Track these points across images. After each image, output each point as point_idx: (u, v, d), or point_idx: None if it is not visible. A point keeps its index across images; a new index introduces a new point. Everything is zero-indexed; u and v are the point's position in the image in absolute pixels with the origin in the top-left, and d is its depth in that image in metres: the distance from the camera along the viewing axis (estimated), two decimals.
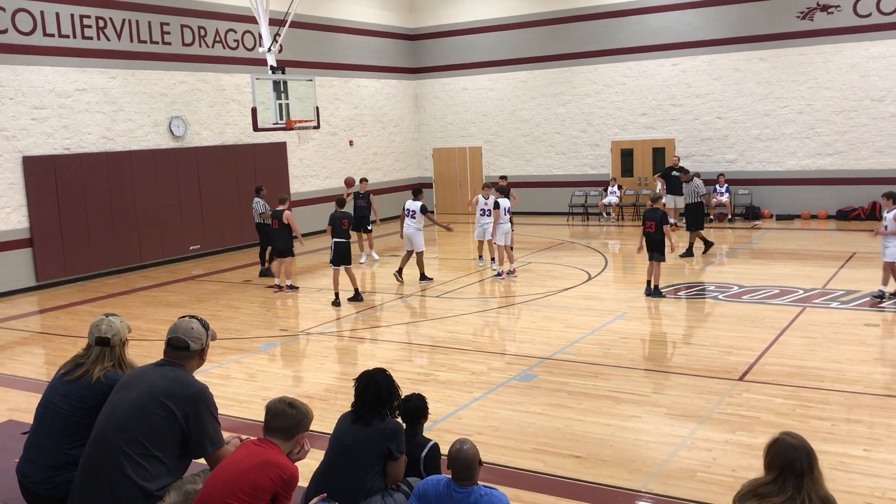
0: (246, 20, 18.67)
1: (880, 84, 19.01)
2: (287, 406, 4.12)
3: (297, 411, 4.12)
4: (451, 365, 9.03)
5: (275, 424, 4.10)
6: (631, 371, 8.50)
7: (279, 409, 4.11)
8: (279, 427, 4.09)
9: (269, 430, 4.11)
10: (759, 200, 20.65)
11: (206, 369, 8.87)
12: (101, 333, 4.67)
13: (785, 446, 3.44)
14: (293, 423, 4.10)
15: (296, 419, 4.11)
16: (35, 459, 4.56)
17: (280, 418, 4.09)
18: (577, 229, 20.54)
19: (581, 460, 6.25)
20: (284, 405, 4.12)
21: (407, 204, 14.09)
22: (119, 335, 4.69)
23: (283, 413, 4.09)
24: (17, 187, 14.71)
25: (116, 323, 4.72)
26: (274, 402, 4.16)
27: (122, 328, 4.74)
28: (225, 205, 18.59)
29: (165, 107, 17.39)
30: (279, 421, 4.09)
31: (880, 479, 5.71)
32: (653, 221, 12.23)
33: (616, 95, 22.24)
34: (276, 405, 4.13)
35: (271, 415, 4.12)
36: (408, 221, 13.95)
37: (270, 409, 4.14)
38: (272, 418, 4.11)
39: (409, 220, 13.95)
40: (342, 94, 22.39)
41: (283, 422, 4.08)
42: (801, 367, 8.34)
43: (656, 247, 12.20)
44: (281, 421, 4.08)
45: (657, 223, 12.22)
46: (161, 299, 13.72)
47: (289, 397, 4.21)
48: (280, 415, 4.09)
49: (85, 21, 15.82)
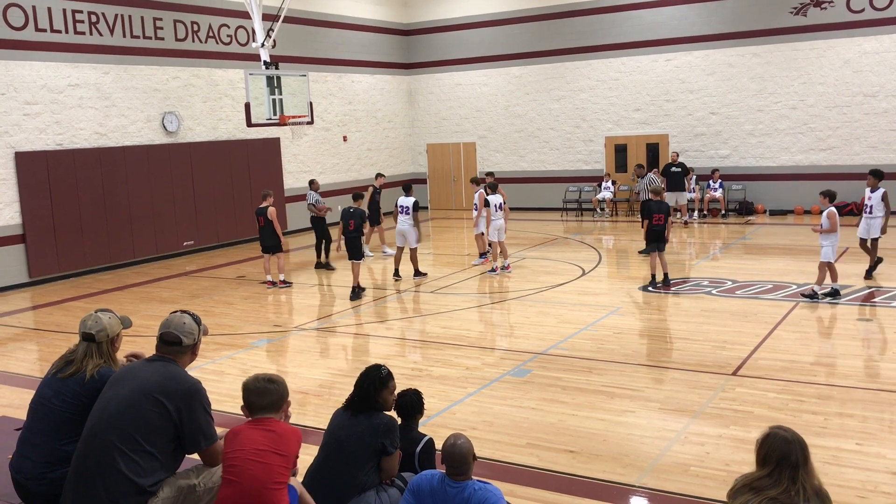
0: (239, 15, 18.60)
1: (873, 79, 19.06)
2: (267, 382, 4.17)
3: (278, 384, 4.19)
4: (446, 360, 9.04)
5: (262, 402, 4.13)
6: (624, 366, 8.52)
7: (261, 387, 4.15)
8: (267, 404, 4.14)
9: (256, 409, 4.15)
10: (752, 196, 20.70)
11: (199, 365, 8.86)
12: (87, 329, 4.66)
13: (779, 440, 3.45)
14: (278, 396, 4.17)
15: (278, 392, 4.18)
16: (28, 456, 4.55)
17: (265, 395, 4.14)
18: (570, 225, 20.56)
19: (575, 455, 6.26)
20: (265, 382, 4.17)
21: (400, 200, 14.09)
22: (105, 331, 4.66)
23: (267, 390, 4.14)
24: (9, 183, 14.65)
25: (104, 319, 4.70)
26: (252, 382, 4.19)
27: (111, 324, 4.71)
28: (218, 200, 18.55)
29: (158, 102, 17.33)
30: (265, 398, 4.13)
31: (873, 472, 5.73)
32: (661, 214, 12.41)
33: (610, 91, 22.25)
34: (256, 384, 4.17)
35: (255, 394, 4.14)
36: (402, 218, 13.95)
37: (252, 389, 4.16)
38: (257, 397, 4.14)
39: (402, 217, 13.95)
40: (336, 89, 22.35)
41: (269, 398, 4.14)
42: (794, 362, 8.37)
43: (662, 238, 12.35)
44: (267, 397, 4.13)
45: (666, 215, 12.44)
46: (154, 295, 13.69)
47: (263, 374, 4.24)
48: (264, 392, 4.14)
49: (77, 16, 15.74)
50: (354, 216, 12.71)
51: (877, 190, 11.81)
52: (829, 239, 11.02)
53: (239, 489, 3.95)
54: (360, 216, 12.82)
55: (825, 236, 11.07)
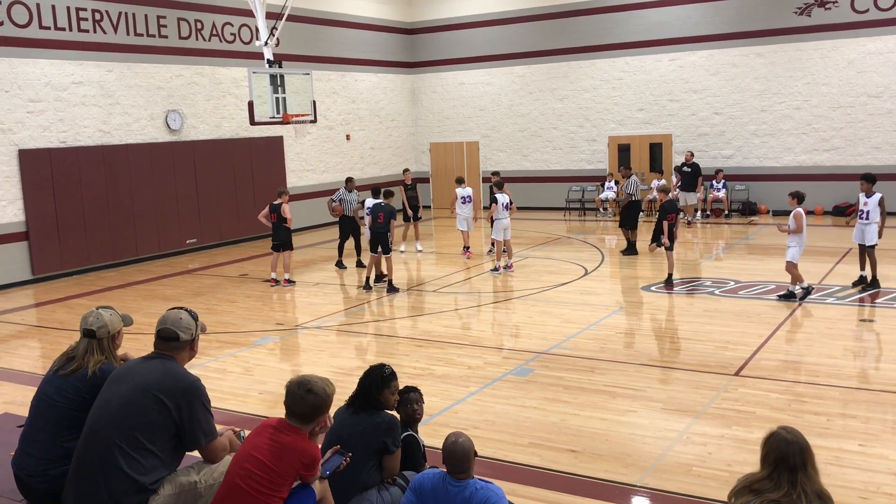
0: (243, 14, 18.61)
1: (877, 80, 19.02)
2: (305, 392, 4.09)
3: (316, 398, 4.10)
4: (448, 359, 9.03)
5: (295, 410, 4.10)
6: (627, 366, 8.51)
7: (298, 395, 4.09)
8: (299, 413, 4.10)
9: (290, 414, 4.12)
10: (755, 196, 20.67)
11: (202, 363, 8.87)
12: (88, 325, 4.67)
13: (779, 441, 3.44)
14: (312, 409, 4.10)
15: (314, 405, 4.10)
16: (30, 452, 4.56)
17: (299, 405, 4.09)
18: (573, 224, 20.55)
19: (577, 454, 6.26)
20: (303, 391, 4.09)
21: (369, 203, 13.64)
22: (106, 327, 4.67)
23: (302, 400, 4.08)
24: (13, 180, 14.67)
25: (105, 316, 4.70)
26: (293, 387, 4.13)
27: (112, 321, 4.71)
28: (221, 198, 18.56)
29: (162, 100, 17.35)
30: (298, 408, 4.09)
31: (875, 473, 5.72)
32: (674, 213, 12.51)
33: (613, 90, 22.23)
34: (295, 391, 4.11)
35: (291, 400, 4.11)
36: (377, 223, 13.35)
37: (290, 394, 4.12)
38: (292, 404, 4.11)
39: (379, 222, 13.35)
40: (339, 88, 22.35)
41: (302, 408, 4.09)
42: (796, 363, 8.36)
43: (672, 237, 12.48)
44: (301, 408, 4.09)
45: (677, 214, 12.67)
46: (157, 293, 13.71)
47: (308, 381, 4.14)
48: (299, 402, 4.09)
49: (81, 14, 15.76)
50: (385, 210, 12.72)
51: (872, 195, 11.56)
52: (795, 239, 11.02)
53: (223, 493, 3.98)
54: (391, 212, 12.85)
55: (792, 237, 11.06)
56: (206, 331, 4.65)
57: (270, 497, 3.90)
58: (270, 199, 14.53)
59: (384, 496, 4.56)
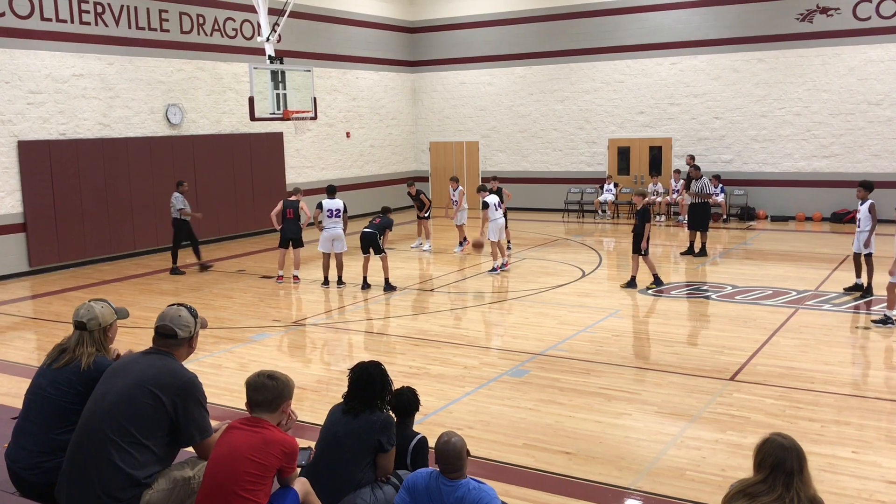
0: (245, 9, 18.60)
1: (878, 88, 19.04)
2: (267, 378, 4.10)
3: (278, 382, 4.10)
4: (444, 359, 9.03)
5: (258, 398, 4.07)
6: (622, 368, 8.52)
7: (259, 382, 4.09)
8: (262, 400, 4.07)
9: (253, 405, 4.10)
10: (754, 201, 20.69)
11: (197, 358, 8.86)
12: (79, 318, 4.66)
13: (776, 446, 3.45)
14: (275, 395, 4.08)
15: (277, 390, 4.08)
16: (24, 445, 4.55)
17: (262, 391, 4.07)
18: (572, 226, 20.55)
19: (571, 457, 6.26)
20: (264, 378, 4.10)
21: (325, 203, 13.33)
22: (97, 320, 4.66)
23: (264, 386, 4.07)
24: (11, 172, 14.65)
25: (96, 308, 4.69)
26: (253, 377, 4.15)
27: (104, 313, 4.70)
28: (220, 194, 18.54)
29: (162, 94, 17.33)
30: (261, 394, 4.07)
31: (868, 480, 5.73)
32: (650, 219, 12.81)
33: (614, 93, 22.23)
34: (256, 379, 4.12)
35: (252, 389, 4.10)
36: (330, 222, 13.28)
37: (251, 384, 4.12)
38: (254, 392, 4.09)
39: (331, 221, 13.28)
40: (340, 85, 22.33)
41: (265, 394, 4.06)
42: (792, 369, 8.37)
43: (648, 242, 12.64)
44: (263, 394, 4.06)
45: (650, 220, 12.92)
46: (154, 287, 13.69)
47: (267, 370, 4.19)
48: (261, 388, 4.07)
49: (83, 6, 15.74)
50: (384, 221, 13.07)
51: (865, 202, 11.52)
52: None
53: (205, 493, 3.94)
54: (387, 224, 13.12)
55: None
56: (206, 326, 4.64)
57: (256, 493, 3.88)
58: (271, 195, 14.54)
59: (377, 494, 4.55)
